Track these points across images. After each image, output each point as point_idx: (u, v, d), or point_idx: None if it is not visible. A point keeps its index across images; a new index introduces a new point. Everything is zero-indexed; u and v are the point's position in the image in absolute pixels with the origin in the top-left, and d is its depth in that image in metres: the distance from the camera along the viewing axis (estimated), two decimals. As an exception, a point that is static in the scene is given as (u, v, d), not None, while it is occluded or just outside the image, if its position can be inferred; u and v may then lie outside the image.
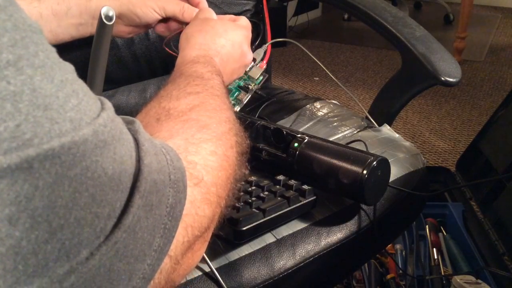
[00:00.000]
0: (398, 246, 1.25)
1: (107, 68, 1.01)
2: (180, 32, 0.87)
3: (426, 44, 0.92)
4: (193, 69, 0.62)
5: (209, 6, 1.07)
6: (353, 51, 3.17)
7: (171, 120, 0.49)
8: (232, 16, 0.79)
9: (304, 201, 0.72)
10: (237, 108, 0.97)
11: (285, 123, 1.00)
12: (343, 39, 3.40)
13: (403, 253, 1.24)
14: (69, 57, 0.99)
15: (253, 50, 1.03)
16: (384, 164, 0.72)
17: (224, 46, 0.71)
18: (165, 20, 0.86)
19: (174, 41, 0.92)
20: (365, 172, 0.68)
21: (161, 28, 0.88)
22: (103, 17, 0.51)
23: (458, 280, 1.05)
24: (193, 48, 0.68)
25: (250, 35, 0.77)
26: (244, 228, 0.65)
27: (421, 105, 2.34)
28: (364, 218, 0.78)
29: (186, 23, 0.87)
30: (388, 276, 1.18)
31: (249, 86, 0.99)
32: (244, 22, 0.77)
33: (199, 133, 0.47)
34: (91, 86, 0.57)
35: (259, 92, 1.02)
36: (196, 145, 0.46)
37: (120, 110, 1.06)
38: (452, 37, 2.87)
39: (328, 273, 0.76)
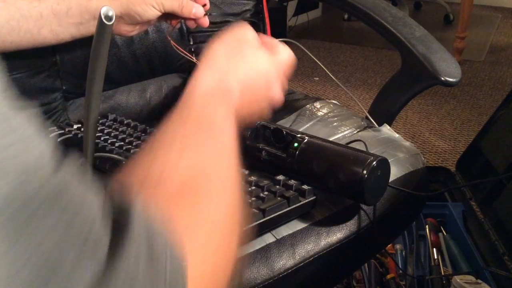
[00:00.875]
0: (398, 246, 1.25)
1: (107, 68, 1.01)
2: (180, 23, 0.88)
3: (426, 44, 0.92)
4: (206, 111, 0.50)
5: (210, 6, 1.08)
6: (353, 51, 3.16)
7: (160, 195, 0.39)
8: (274, 41, 0.64)
9: (304, 201, 0.72)
10: (237, 108, 0.97)
11: (285, 123, 1.00)
12: (343, 39, 3.40)
13: (403, 253, 1.24)
14: (69, 57, 0.99)
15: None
16: (384, 164, 0.72)
17: (249, 74, 0.58)
18: (165, 15, 0.87)
19: (175, 32, 0.93)
20: (365, 172, 0.68)
21: (161, 20, 0.89)
22: (102, 17, 0.51)
23: (458, 280, 1.05)
24: (212, 70, 0.55)
25: (287, 71, 0.63)
26: (243, 228, 0.65)
27: (421, 105, 2.34)
28: (364, 218, 0.78)
29: (186, 18, 0.88)
30: (388, 276, 1.18)
31: (249, 86, 0.99)
32: (284, 54, 0.63)
33: (193, 217, 0.38)
34: (91, 86, 0.57)
35: (259, 92, 1.02)
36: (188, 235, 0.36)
37: (120, 110, 1.06)
38: (452, 37, 2.86)
39: (328, 273, 0.76)
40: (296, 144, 0.76)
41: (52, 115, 0.98)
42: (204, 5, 0.89)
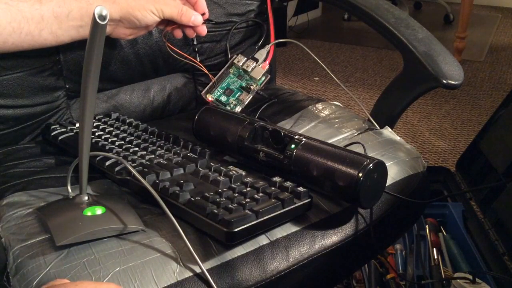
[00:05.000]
0: (398, 246, 1.26)
1: (110, 67, 1.02)
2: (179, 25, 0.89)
3: (428, 46, 0.92)
4: None
5: (213, 6, 1.08)
6: (353, 51, 3.17)
7: None
8: None
9: (299, 203, 0.71)
10: (239, 109, 0.98)
11: (287, 124, 1.00)
12: (343, 39, 3.40)
13: (403, 253, 1.25)
14: (72, 56, 1.00)
15: (256, 51, 1.04)
16: (380, 167, 0.71)
17: None
18: (165, 21, 0.89)
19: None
20: (360, 174, 0.68)
21: (161, 26, 0.91)
22: (96, 16, 0.52)
23: (458, 280, 1.06)
24: None
25: None
26: (236, 230, 0.64)
27: (421, 105, 2.35)
28: (361, 221, 0.77)
29: (184, 25, 0.89)
30: (388, 276, 1.18)
31: (251, 87, 1.00)
32: None
33: None
34: (85, 86, 0.58)
35: (261, 93, 1.02)
36: None
37: (123, 109, 1.07)
38: (452, 37, 2.87)
39: (322, 276, 0.75)
40: (293, 146, 0.76)
41: (55, 113, 0.98)
42: (203, 14, 0.90)
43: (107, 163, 0.80)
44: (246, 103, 0.99)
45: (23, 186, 0.79)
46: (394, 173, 0.85)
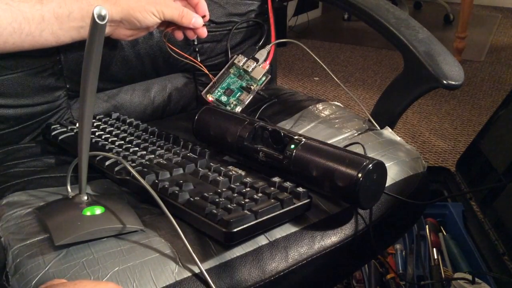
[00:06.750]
0: (398, 246, 1.26)
1: (111, 67, 1.02)
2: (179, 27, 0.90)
3: (428, 46, 0.92)
4: None
5: (214, 6, 1.08)
6: (353, 51, 3.17)
7: None
8: None
9: (298, 204, 0.71)
10: (239, 109, 0.98)
11: (287, 124, 1.00)
12: (343, 39, 3.40)
13: (403, 253, 1.25)
14: (73, 56, 1.00)
15: (257, 51, 1.04)
16: (380, 168, 0.71)
17: None
18: (165, 23, 0.89)
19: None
20: (360, 175, 0.68)
21: (161, 27, 0.92)
22: (95, 16, 0.52)
23: (458, 280, 1.06)
24: None
25: None
26: (235, 230, 0.64)
27: (421, 105, 2.35)
28: (360, 222, 0.77)
29: (185, 27, 0.89)
30: (388, 276, 1.19)
31: (251, 87, 1.00)
32: None
33: None
34: (85, 85, 0.58)
35: (261, 93, 1.02)
36: None
37: (123, 109, 1.07)
38: (452, 37, 2.87)
39: (322, 277, 0.75)
40: (292, 146, 0.76)
41: (55, 113, 0.98)
42: (203, 16, 0.90)
43: (107, 163, 0.80)
44: (246, 103, 0.99)
45: (22, 186, 0.79)
46: (394, 174, 0.85)
